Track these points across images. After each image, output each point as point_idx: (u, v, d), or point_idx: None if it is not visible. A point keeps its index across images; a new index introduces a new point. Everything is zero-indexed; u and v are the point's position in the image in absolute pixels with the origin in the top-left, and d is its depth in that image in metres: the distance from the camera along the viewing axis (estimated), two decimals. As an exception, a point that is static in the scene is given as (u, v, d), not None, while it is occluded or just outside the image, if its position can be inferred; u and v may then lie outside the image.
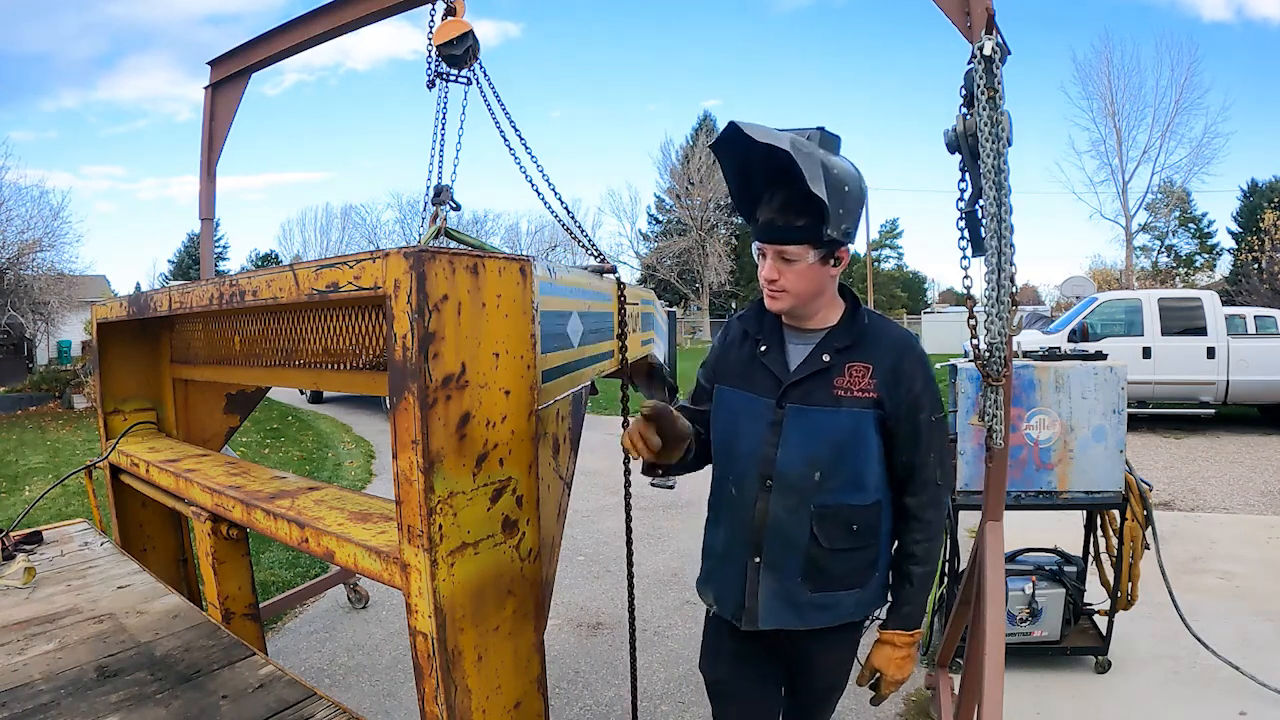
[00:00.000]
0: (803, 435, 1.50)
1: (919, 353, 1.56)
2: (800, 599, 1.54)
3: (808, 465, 1.50)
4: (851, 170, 1.48)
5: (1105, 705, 2.83)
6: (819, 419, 1.50)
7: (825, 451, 1.49)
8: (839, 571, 1.54)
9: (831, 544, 1.51)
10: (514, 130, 3.33)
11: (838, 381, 1.50)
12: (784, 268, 1.49)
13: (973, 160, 2.14)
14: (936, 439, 1.55)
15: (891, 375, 1.50)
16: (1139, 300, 9.45)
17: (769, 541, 1.54)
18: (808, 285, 1.50)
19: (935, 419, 1.54)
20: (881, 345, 1.53)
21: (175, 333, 2.42)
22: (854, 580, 1.56)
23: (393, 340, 1.11)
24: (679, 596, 4.07)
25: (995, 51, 1.80)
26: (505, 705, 1.27)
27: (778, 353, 1.57)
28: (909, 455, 1.53)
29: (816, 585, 1.53)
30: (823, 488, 1.50)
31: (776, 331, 1.60)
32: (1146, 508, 2.96)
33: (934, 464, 1.55)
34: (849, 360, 1.51)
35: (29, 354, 17.25)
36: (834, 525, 1.51)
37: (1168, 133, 26.28)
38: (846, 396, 1.49)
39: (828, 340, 1.54)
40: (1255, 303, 18.54)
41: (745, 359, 1.61)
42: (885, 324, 1.60)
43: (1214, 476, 6.76)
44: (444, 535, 1.13)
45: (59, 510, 5.55)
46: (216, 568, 1.72)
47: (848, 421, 1.49)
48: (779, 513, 1.52)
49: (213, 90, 4.00)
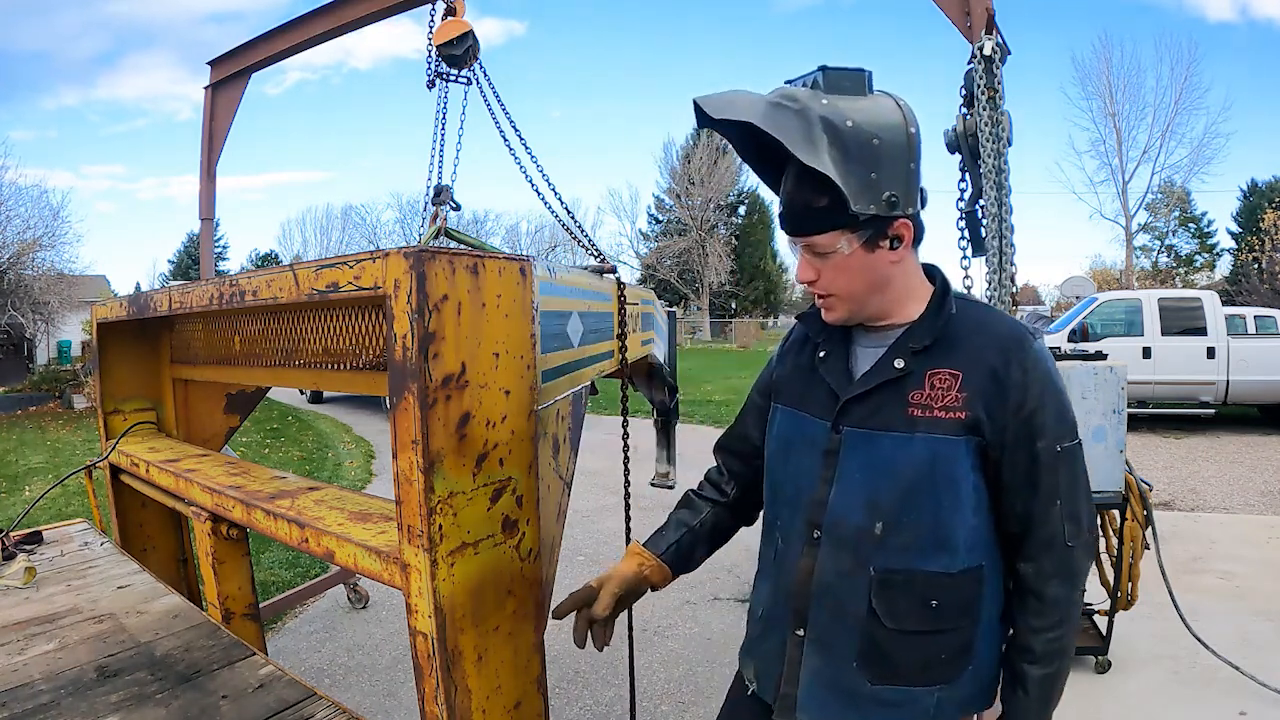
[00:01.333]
0: (865, 471, 1.13)
1: (1035, 353, 1.10)
2: (858, 690, 1.14)
3: (867, 513, 1.12)
4: (883, 113, 1.06)
5: (1105, 705, 2.83)
6: (887, 449, 1.11)
7: (891, 494, 1.10)
8: (912, 660, 1.12)
9: (899, 624, 1.11)
10: (514, 130, 3.34)
11: (914, 396, 1.10)
12: (819, 264, 1.12)
13: (973, 160, 2.15)
14: (1064, 479, 1.10)
15: (992, 386, 1.08)
16: (1139, 300, 9.46)
17: (815, 611, 1.17)
18: (859, 282, 1.12)
19: (1062, 449, 1.09)
20: (976, 344, 1.10)
21: (175, 333, 2.42)
22: (937, 674, 1.13)
23: (393, 340, 1.11)
24: (679, 596, 4.07)
25: (995, 51, 1.81)
26: (505, 705, 1.27)
27: (839, 358, 1.20)
28: (1023, 502, 1.10)
29: (879, 675, 1.13)
30: (886, 545, 1.11)
31: (842, 330, 1.22)
32: (1146, 508, 2.96)
33: (1060, 516, 1.10)
34: (931, 366, 1.10)
35: (29, 354, 17.26)
36: (903, 599, 1.11)
37: (1168, 133, 26.35)
38: (924, 417, 1.09)
39: (904, 340, 1.13)
40: (1255, 303, 18.56)
41: (804, 368, 1.25)
42: (985, 314, 1.16)
43: (1214, 476, 6.76)
44: (444, 535, 1.13)
45: (59, 510, 5.56)
46: (216, 568, 1.72)
47: (923, 453, 1.09)
48: (828, 576, 1.15)
49: (213, 90, 4.00)
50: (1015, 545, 1.13)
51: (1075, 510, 1.11)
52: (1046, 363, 1.11)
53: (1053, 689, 1.14)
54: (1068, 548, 1.10)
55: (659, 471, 3.96)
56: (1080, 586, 1.14)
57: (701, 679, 3.15)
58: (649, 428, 4.03)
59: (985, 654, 1.15)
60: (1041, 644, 1.12)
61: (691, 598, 4.04)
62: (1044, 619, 1.11)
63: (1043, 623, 1.12)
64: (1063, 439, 1.09)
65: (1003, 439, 1.08)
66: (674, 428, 3.95)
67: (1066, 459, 1.10)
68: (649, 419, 4.00)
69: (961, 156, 2.17)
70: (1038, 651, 1.12)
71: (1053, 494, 1.09)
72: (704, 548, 1.42)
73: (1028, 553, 1.12)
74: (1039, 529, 1.10)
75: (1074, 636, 1.15)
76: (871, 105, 1.07)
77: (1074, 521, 1.10)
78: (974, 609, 1.13)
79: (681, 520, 1.43)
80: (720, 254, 37.66)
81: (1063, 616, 1.11)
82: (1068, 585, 1.11)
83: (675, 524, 1.42)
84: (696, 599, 4.02)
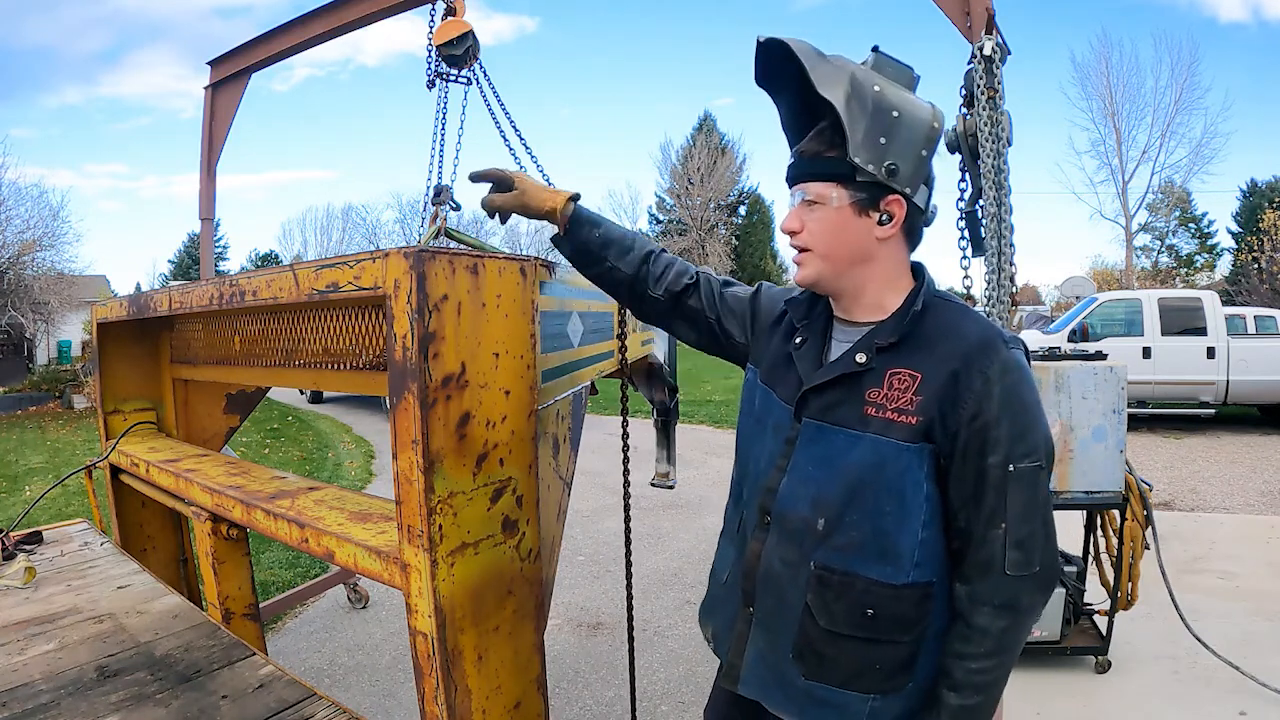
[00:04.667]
0: (814, 465, 1.10)
1: (1004, 360, 1.03)
2: (793, 681, 1.13)
3: (812, 508, 1.09)
4: (913, 101, 1.08)
5: (1105, 705, 2.83)
6: (837, 445, 1.08)
7: (833, 492, 1.07)
8: (845, 665, 1.09)
9: (832, 625, 1.08)
10: (514, 130, 3.34)
11: (871, 394, 1.06)
12: (807, 215, 1.10)
13: (973, 160, 2.15)
14: (1013, 502, 1.01)
15: (949, 391, 1.02)
16: (1139, 300, 9.46)
17: (760, 595, 1.16)
18: (839, 243, 1.08)
19: (1016, 469, 1.01)
20: (942, 346, 1.05)
21: (175, 333, 2.42)
22: (872, 683, 1.09)
23: (393, 340, 1.11)
24: (679, 596, 4.07)
25: (995, 51, 1.81)
26: (505, 705, 1.27)
27: (814, 348, 1.17)
28: (964, 518, 1.04)
29: (811, 672, 1.11)
30: (828, 543, 1.08)
31: (822, 320, 1.19)
32: (1146, 508, 2.96)
33: (1002, 541, 1.01)
34: (893, 365, 1.06)
35: (29, 354, 17.27)
36: (838, 600, 1.07)
37: (1168, 133, 26.29)
38: (878, 418, 1.05)
39: (871, 335, 1.10)
40: (1255, 303, 18.57)
41: (783, 352, 1.21)
42: (959, 317, 1.09)
43: (1214, 476, 6.76)
44: (444, 535, 1.13)
45: (59, 510, 5.56)
46: (216, 568, 1.72)
47: (870, 455, 1.05)
48: (775, 564, 1.14)
49: (213, 90, 4.00)
50: (956, 563, 1.07)
51: (1024, 539, 1.02)
52: (1015, 374, 1.02)
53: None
54: (1007, 576, 1.02)
55: (659, 471, 3.96)
56: (1019, 622, 1.04)
57: (701, 679, 3.15)
58: (649, 428, 4.03)
59: (932, 673, 1.09)
60: (962, 672, 1.04)
61: (691, 598, 4.04)
62: (969, 646, 1.04)
63: (968, 650, 1.04)
64: (1018, 459, 1.01)
65: (953, 448, 1.03)
66: (674, 428, 3.95)
67: (1020, 481, 1.01)
68: (649, 419, 4.00)
69: (961, 156, 2.17)
70: (957, 679, 1.05)
71: (995, 515, 1.02)
72: (610, 250, 1.32)
73: (964, 573, 1.06)
74: (977, 550, 1.04)
75: (1004, 671, 1.06)
76: (905, 93, 1.08)
77: (1020, 550, 1.02)
78: (918, 626, 1.07)
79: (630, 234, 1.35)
80: (720, 254, 37.66)
81: (991, 648, 1.03)
82: (1002, 616, 1.03)
83: (620, 230, 1.35)
84: (696, 599, 4.02)
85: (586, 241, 1.32)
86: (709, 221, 38.49)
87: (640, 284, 1.33)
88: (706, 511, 5.68)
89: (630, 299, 1.37)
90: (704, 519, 5.48)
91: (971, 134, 2.09)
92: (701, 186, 37.59)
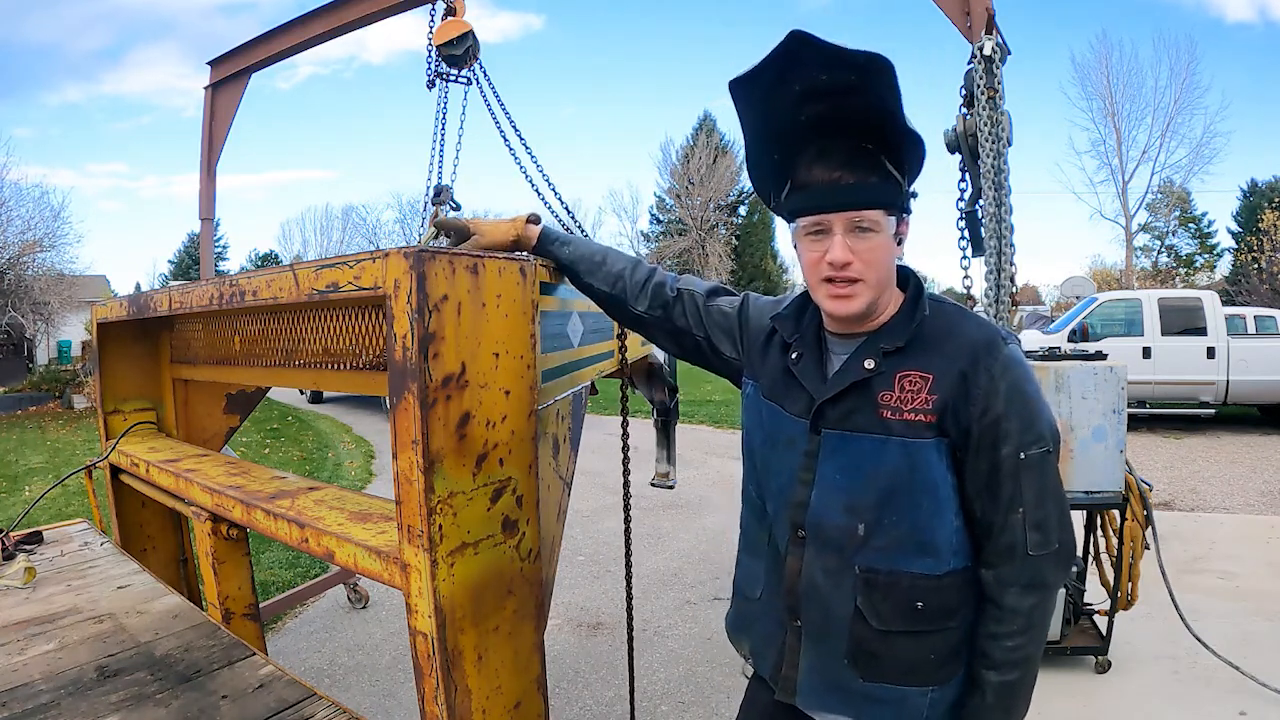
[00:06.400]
0: (843, 474, 1.13)
1: (1006, 357, 1.09)
2: (851, 686, 1.16)
3: (848, 515, 1.12)
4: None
5: (1105, 705, 2.83)
6: (863, 450, 1.11)
7: (869, 497, 1.11)
8: (901, 660, 1.13)
9: (885, 625, 1.12)
10: (514, 130, 3.34)
11: (883, 397, 1.10)
12: (860, 246, 1.08)
13: (973, 160, 2.15)
14: (1028, 487, 1.08)
15: (959, 390, 1.07)
16: (1139, 300, 9.46)
17: (806, 608, 1.18)
18: (884, 270, 1.11)
19: (1028, 456, 1.08)
20: (947, 347, 1.10)
21: (175, 333, 2.42)
22: (928, 675, 1.13)
23: (393, 340, 1.11)
24: (679, 596, 4.07)
25: (995, 51, 1.81)
26: (505, 705, 1.27)
27: (811, 359, 1.19)
28: (982, 508, 1.10)
29: (869, 674, 1.14)
30: (870, 545, 1.12)
31: (814, 334, 1.21)
32: (1146, 508, 2.96)
33: (1021, 524, 1.08)
34: (902, 368, 1.10)
35: (29, 354, 17.29)
36: (887, 599, 1.12)
37: (1167, 133, 26.31)
38: (896, 420, 1.09)
39: (874, 340, 1.13)
40: (1255, 303, 18.57)
41: (780, 368, 1.24)
42: (957, 315, 1.16)
43: (1214, 476, 6.76)
44: (444, 535, 1.13)
45: (59, 510, 5.56)
46: (216, 568, 1.72)
47: (900, 456, 1.09)
48: (816, 576, 1.16)
49: (213, 90, 4.00)
50: (979, 550, 1.13)
51: (1041, 520, 1.09)
52: (1016, 369, 1.09)
53: (1014, 696, 1.12)
54: (1030, 556, 1.09)
55: (659, 471, 3.96)
56: (1046, 597, 1.12)
57: (701, 679, 3.15)
58: (649, 428, 4.04)
59: None
60: (1000, 651, 1.10)
61: (691, 598, 4.04)
62: (1003, 626, 1.10)
63: (1001, 629, 1.10)
64: (1028, 446, 1.08)
65: (965, 442, 1.09)
66: (674, 428, 3.95)
67: (1032, 467, 1.08)
68: (649, 419, 4.00)
69: (961, 156, 2.17)
70: (995, 658, 1.11)
71: (1014, 502, 1.09)
72: (580, 267, 1.41)
73: (988, 559, 1.12)
74: (999, 536, 1.10)
75: (1038, 645, 1.13)
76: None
77: (1039, 531, 1.09)
78: (962, 610, 1.13)
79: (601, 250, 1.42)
80: (720, 254, 37.66)
81: (1023, 625, 1.10)
82: (1029, 595, 1.10)
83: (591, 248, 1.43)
84: (696, 599, 4.03)
85: (557, 259, 1.43)
86: (709, 221, 38.47)
87: (617, 299, 1.40)
88: (706, 511, 5.68)
89: (613, 313, 1.46)
90: (704, 519, 5.49)
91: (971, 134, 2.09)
92: (702, 186, 37.57)
